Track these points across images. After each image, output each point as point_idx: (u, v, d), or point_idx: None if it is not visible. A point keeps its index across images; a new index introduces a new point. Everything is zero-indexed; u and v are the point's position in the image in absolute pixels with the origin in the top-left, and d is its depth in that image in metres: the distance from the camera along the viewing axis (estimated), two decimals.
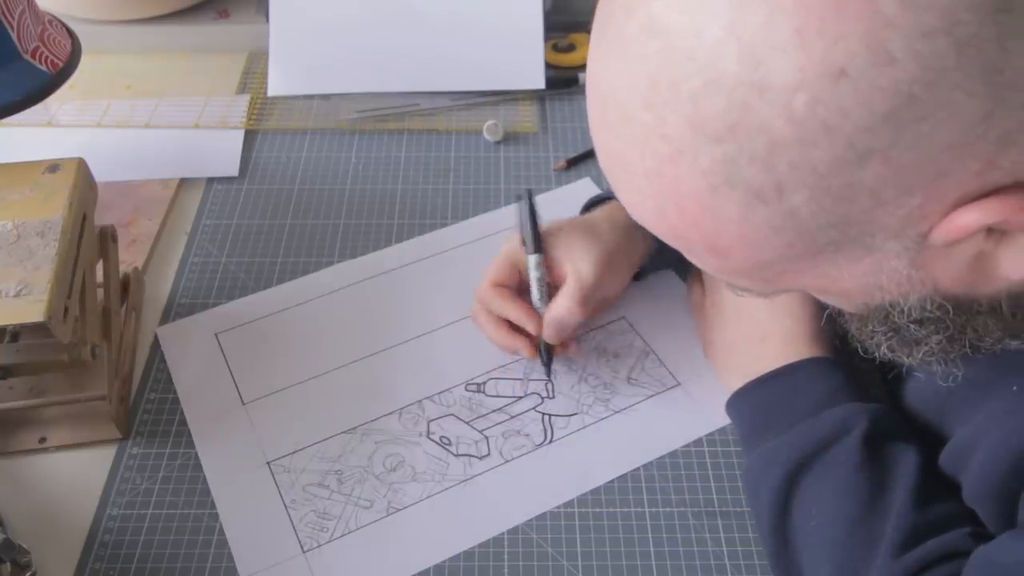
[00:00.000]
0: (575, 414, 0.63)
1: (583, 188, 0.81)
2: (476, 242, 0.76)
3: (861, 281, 0.37)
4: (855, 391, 0.56)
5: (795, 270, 0.37)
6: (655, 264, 0.69)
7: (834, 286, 0.38)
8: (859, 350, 0.46)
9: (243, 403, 0.65)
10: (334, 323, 0.70)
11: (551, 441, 0.62)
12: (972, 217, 0.32)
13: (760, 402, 0.59)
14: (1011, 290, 0.38)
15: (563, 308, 0.61)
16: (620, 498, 0.59)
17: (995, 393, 0.46)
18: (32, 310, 0.54)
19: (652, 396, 0.64)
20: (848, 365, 0.58)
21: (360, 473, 0.61)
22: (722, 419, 0.62)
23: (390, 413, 0.64)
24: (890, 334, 0.42)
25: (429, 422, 0.63)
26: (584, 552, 0.57)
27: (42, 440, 0.62)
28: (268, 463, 0.61)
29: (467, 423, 0.63)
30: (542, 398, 0.64)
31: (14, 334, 0.61)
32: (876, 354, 0.44)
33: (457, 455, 0.61)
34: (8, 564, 0.54)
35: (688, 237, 0.37)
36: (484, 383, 0.66)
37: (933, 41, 0.28)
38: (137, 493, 0.60)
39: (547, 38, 0.92)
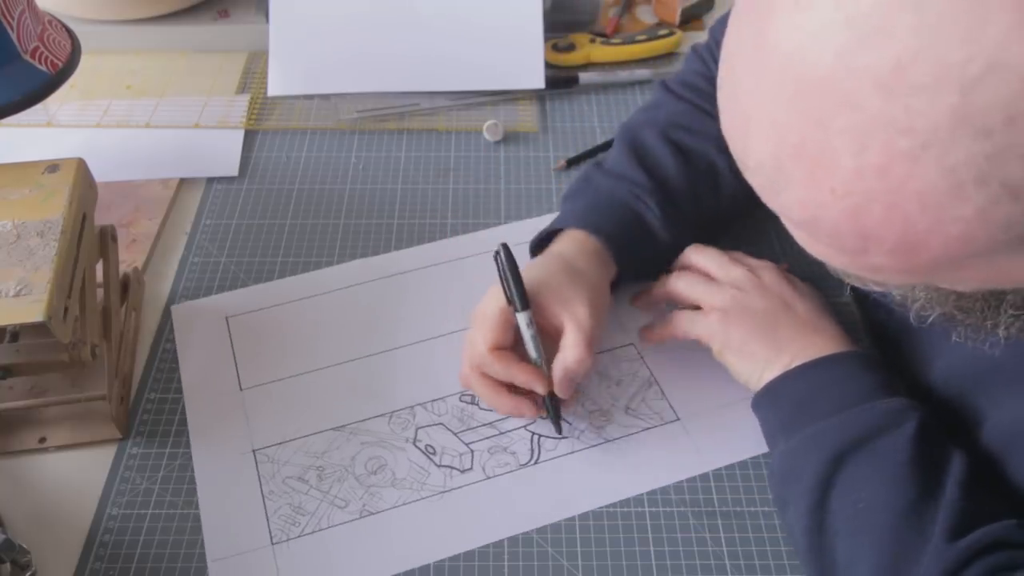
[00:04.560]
0: (566, 438, 0.62)
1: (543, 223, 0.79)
2: (487, 254, 0.74)
3: None
4: (895, 389, 0.56)
5: (979, 264, 0.32)
6: (620, 280, 0.68)
7: (1004, 278, 0.34)
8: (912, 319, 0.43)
9: (241, 389, 0.65)
10: (340, 320, 0.70)
11: (536, 462, 0.61)
12: None
13: (806, 387, 0.58)
14: None
15: (572, 360, 0.59)
16: (620, 497, 0.59)
17: None
18: (32, 310, 0.54)
19: (648, 429, 0.62)
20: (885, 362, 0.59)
21: (341, 472, 0.61)
22: (718, 462, 0.61)
23: (380, 415, 0.64)
24: (1014, 318, 0.39)
25: (417, 429, 0.63)
26: (584, 552, 0.57)
27: (42, 440, 0.62)
28: (254, 451, 0.62)
29: (455, 434, 0.63)
30: (534, 419, 0.63)
31: (14, 334, 0.61)
32: (993, 334, 0.41)
33: (439, 466, 0.61)
34: (8, 564, 0.54)
35: (875, 238, 0.31)
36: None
37: None
38: (137, 493, 0.60)
39: (547, 38, 0.92)
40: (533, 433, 0.63)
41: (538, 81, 0.90)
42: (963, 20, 0.26)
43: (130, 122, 0.88)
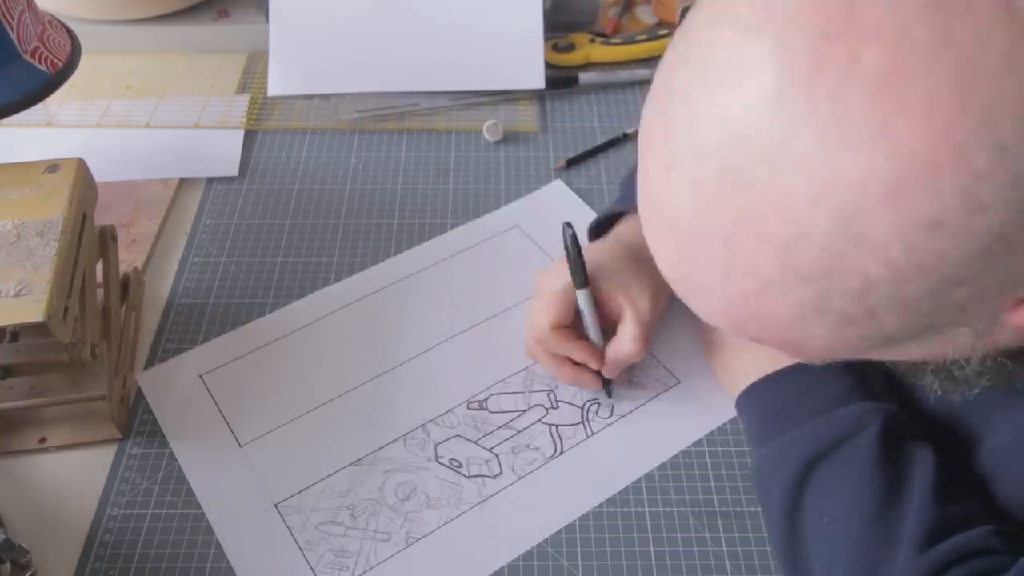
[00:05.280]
0: (580, 422, 0.63)
1: (554, 191, 0.80)
2: (464, 252, 0.75)
3: (928, 353, 0.38)
4: (870, 391, 0.56)
5: (869, 355, 0.39)
6: None
7: (900, 358, 0.40)
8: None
9: (240, 445, 0.62)
10: (324, 352, 0.68)
11: (562, 452, 0.61)
12: None
13: (774, 398, 0.59)
14: None
15: (626, 350, 0.61)
16: (620, 498, 0.59)
17: None
18: (32, 310, 0.54)
19: (655, 397, 0.64)
20: (861, 365, 0.59)
21: (373, 506, 0.59)
22: (728, 413, 0.63)
23: (395, 440, 0.62)
24: (941, 379, 0.44)
25: (436, 445, 0.62)
26: (584, 552, 0.57)
27: (42, 440, 0.62)
28: (276, 505, 0.59)
29: (474, 443, 0.62)
30: (546, 409, 0.64)
31: (14, 334, 0.61)
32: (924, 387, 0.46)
33: (469, 476, 0.60)
34: (8, 564, 0.54)
35: (766, 341, 0.38)
36: (486, 399, 0.65)
37: (1021, 186, 0.29)
38: (137, 493, 0.60)
39: (547, 38, 0.92)
40: (550, 425, 0.63)
41: (538, 81, 0.90)
42: (772, 197, 0.31)
43: (130, 122, 0.88)
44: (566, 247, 0.60)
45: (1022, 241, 0.30)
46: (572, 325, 0.63)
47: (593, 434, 0.62)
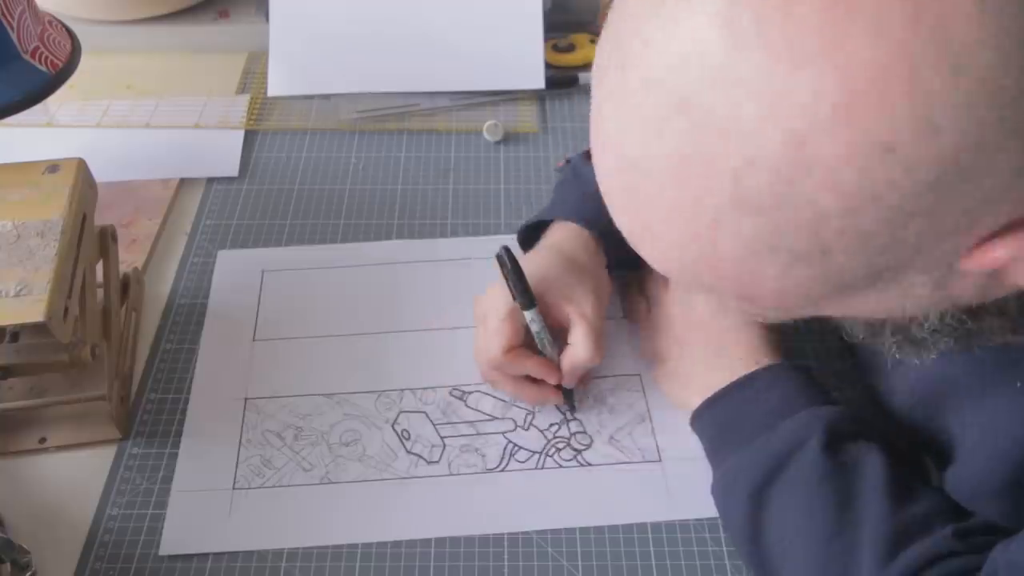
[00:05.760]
0: (539, 452, 0.62)
1: None
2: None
3: (885, 307, 0.37)
4: (811, 394, 0.56)
5: (823, 306, 0.38)
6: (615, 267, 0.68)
7: (856, 312, 0.39)
8: (844, 336, 0.47)
9: (253, 340, 0.69)
10: (359, 295, 0.72)
11: (503, 470, 0.61)
12: (1001, 251, 0.32)
13: (719, 417, 0.58)
14: (1020, 293, 0.39)
15: (581, 355, 0.60)
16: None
17: (997, 390, 0.46)
18: (32, 310, 0.54)
19: (627, 463, 0.61)
20: (808, 369, 0.59)
21: (316, 437, 0.63)
22: (691, 511, 0.58)
23: (371, 392, 0.65)
24: (900, 340, 0.43)
25: (400, 412, 0.64)
26: (584, 552, 0.57)
27: (42, 440, 0.62)
28: (246, 399, 0.65)
29: (434, 425, 0.63)
30: (516, 426, 0.63)
31: (14, 334, 0.61)
32: (887, 352, 0.45)
33: (408, 452, 0.62)
34: (8, 564, 0.54)
35: (718, 288, 0.37)
36: (470, 393, 0.65)
37: (977, 109, 0.28)
38: (137, 493, 0.60)
39: (547, 38, 0.92)
40: (509, 441, 0.62)
41: (538, 81, 0.90)
42: (720, 122, 0.30)
43: (130, 122, 0.88)
44: (504, 269, 0.60)
45: (975, 172, 0.29)
46: (523, 344, 0.62)
47: (542, 467, 0.61)
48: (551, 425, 0.63)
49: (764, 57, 0.29)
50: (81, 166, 0.63)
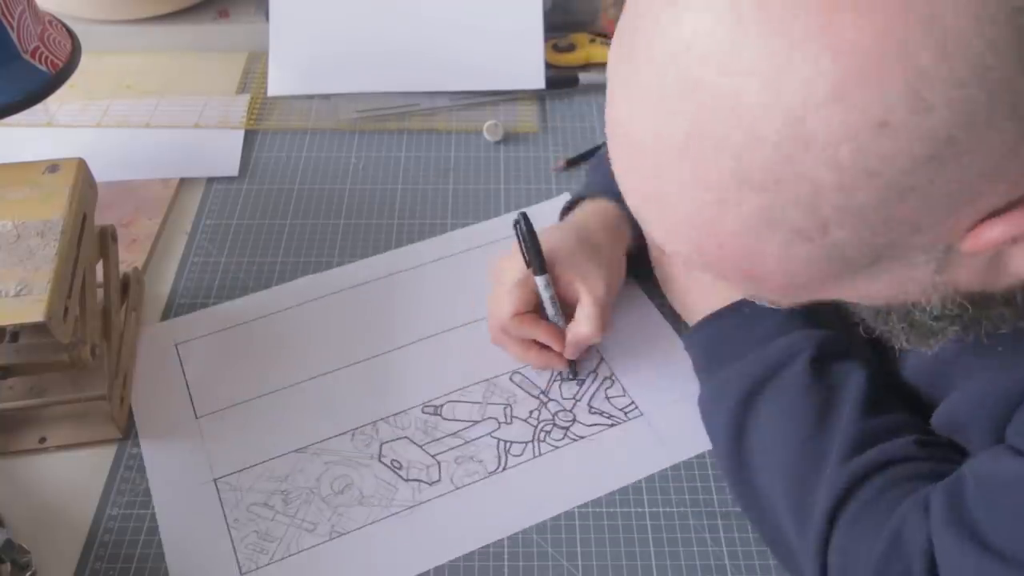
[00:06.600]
0: (530, 441, 0.62)
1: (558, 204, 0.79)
2: (443, 260, 0.75)
3: (887, 290, 0.39)
4: (806, 321, 0.58)
5: (826, 288, 0.39)
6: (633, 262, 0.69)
7: (860, 295, 0.40)
8: (860, 328, 0.48)
9: (196, 417, 0.64)
10: (295, 338, 0.69)
11: (504, 469, 0.61)
12: (999, 230, 0.34)
13: (716, 334, 0.61)
14: None
15: (586, 331, 0.62)
16: (620, 498, 0.59)
17: (996, 363, 0.47)
18: (32, 310, 0.54)
19: (613, 426, 0.63)
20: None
21: (307, 494, 0.59)
22: (685, 452, 0.61)
23: (343, 433, 0.63)
24: (907, 327, 0.44)
25: (382, 444, 0.62)
26: (584, 552, 0.57)
27: (42, 440, 0.62)
28: (215, 480, 0.60)
29: (420, 447, 0.62)
30: (499, 423, 0.63)
31: (14, 334, 0.61)
32: (893, 342, 0.46)
33: (407, 480, 0.60)
34: (8, 564, 0.54)
35: (723, 267, 0.38)
36: (442, 405, 0.64)
37: (967, 88, 0.29)
38: (137, 493, 0.60)
39: (547, 38, 0.92)
40: (499, 440, 0.62)
41: (538, 81, 0.90)
42: (724, 102, 0.32)
43: (130, 122, 0.88)
44: (520, 237, 0.63)
45: (967, 149, 0.31)
46: (533, 310, 0.64)
47: (540, 455, 0.61)
48: (531, 412, 0.64)
49: (763, 38, 0.30)
50: (81, 166, 0.63)
